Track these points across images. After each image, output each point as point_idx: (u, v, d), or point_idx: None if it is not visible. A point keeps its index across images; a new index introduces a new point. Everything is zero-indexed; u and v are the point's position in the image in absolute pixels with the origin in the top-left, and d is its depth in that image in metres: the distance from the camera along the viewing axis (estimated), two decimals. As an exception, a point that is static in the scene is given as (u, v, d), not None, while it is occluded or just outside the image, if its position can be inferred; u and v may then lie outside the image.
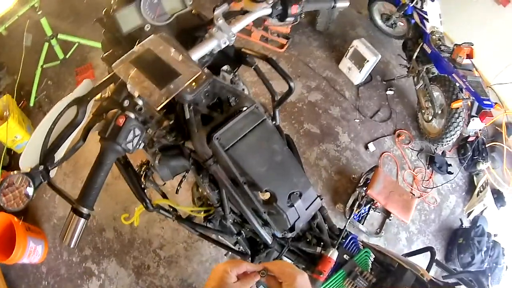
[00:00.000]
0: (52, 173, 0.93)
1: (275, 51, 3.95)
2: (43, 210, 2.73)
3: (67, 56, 3.43)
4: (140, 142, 0.93)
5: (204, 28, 1.19)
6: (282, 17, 1.23)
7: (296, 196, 1.16)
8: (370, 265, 1.32)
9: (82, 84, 1.03)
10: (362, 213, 2.88)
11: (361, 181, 2.94)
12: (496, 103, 2.89)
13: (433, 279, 1.31)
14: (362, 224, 2.85)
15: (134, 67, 0.90)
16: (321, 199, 1.36)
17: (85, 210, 0.83)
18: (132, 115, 0.90)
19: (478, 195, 3.34)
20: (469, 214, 3.28)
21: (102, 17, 1.25)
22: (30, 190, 0.84)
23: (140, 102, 0.92)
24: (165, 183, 1.59)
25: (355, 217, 2.83)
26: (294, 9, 1.20)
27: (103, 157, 0.87)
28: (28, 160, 0.91)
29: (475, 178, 3.51)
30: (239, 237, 1.51)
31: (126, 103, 0.91)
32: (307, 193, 1.20)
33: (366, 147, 3.42)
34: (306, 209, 1.20)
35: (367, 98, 3.82)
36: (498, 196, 3.37)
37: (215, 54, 1.16)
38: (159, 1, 1.22)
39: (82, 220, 0.83)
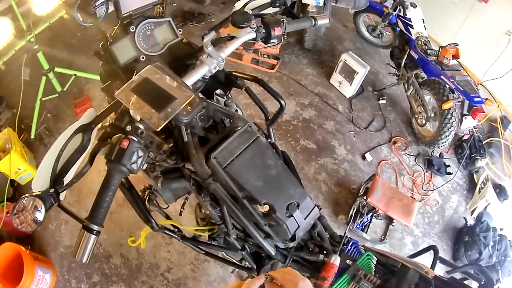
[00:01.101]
0: (62, 196, 0.99)
1: (267, 72, 4.05)
2: (49, 239, 2.75)
3: (64, 89, 3.49)
4: (143, 163, 0.99)
5: (195, 55, 1.27)
6: (266, 39, 1.31)
7: (294, 206, 1.21)
8: (373, 267, 1.35)
9: (87, 113, 1.13)
10: (365, 222, 2.89)
11: (361, 190, 2.97)
12: (486, 99, 2.97)
13: (438, 275, 1.33)
14: (366, 232, 2.86)
15: (135, 95, 0.97)
16: (320, 209, 1.41)
17: (95, 227, 0.89)
18: (135, 139, 0.96)
19: (479, 192, 3.36)
20: (472, 212, 3.28)
21: (99, 50, 1.34)
22: (41, 213, 0.91)
23: (141, 126, 0.99)
24: (168, 206, 1.66)
25: (358, 226, 2.85)
26: (276, 31, 1.28)
27: (110, 177, 0.93)
28: (39, 183, 0.98)
29: (475, 175, 3.54)
30: (243, 252, 1.55)
31: (128, 128, 0.98)
32: (304, 203, 1.25)
33: (364, 158, 3.46)
34: (305, 218, 1.25)
35: (360, 109, 3.89)
36: (500, 191, 3.40)
37: (207, 79, 1.23)
38: (152, 33, 1.32)
39: (93, 236, 0.88)
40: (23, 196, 0.91)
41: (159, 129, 0.94)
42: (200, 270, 2.60)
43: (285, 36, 1.32)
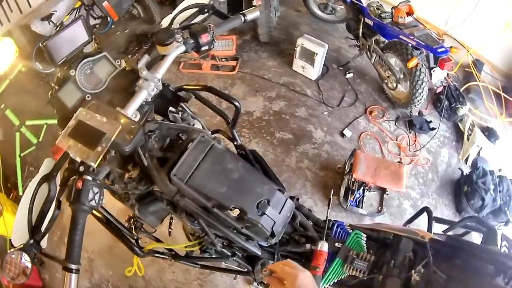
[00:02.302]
0: (44, 244, 1.06)
1: (228, 75, 4.05)
2: (59, 286, 2.77)
3: (40, 139, 3.50)
4: (102, 197, 1.05)
5: (135, 81, 1.28)
6: (197, 48, 1.32)
7: (264, 204, 1.22)
8: (365, 245, 1.35)
9: (44, 163, 1.22)
10: (358, 198, 2.90)
11: (346, 168, 2.97)
12: (451, 47, 2.98)
13: (434, 237, 1.33)
14: (361, 208, 2.87)
15: (71, 138, 1.03)
16: (297, 199, 1.41)
17: (73, 266, 0.94)
18: (88, 177, 1.02)
19: (468, 139, 3.37)
20: (466, 160, 3.30)
21: (50, 100, 1.35)
22: (28, 263, 0.98)
23: (92, 164, 1.02)
24: (155, 230, 1.66)
25: (352, 203, 2.85)
26: (204, 38, 1.30)
27: (75, 218, 1.00)
28: (19, 238, 1.06)
29: (460, 124, 3.56)
30: (235, 258, 1.56)
31: (81, 168, 1.03)
32: (274, 198, 1.25)
33: (343, 135, 3.46)
34: (280, 213, 1.25)
35: (329, 89, 3.89)
36: (489, 133, 3.43)
37: (150, 102, 1.25)
38: (92, 71, 1.34)
39: (74, 275, 0.94)
40: (8, 252, 0.98)
41: (95, 165, 1.00)
42: (207, 283, 2.61)
43: (215, 41, 1.32)
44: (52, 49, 1.26)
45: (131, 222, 1.66)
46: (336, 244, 1.37)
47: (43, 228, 1.09)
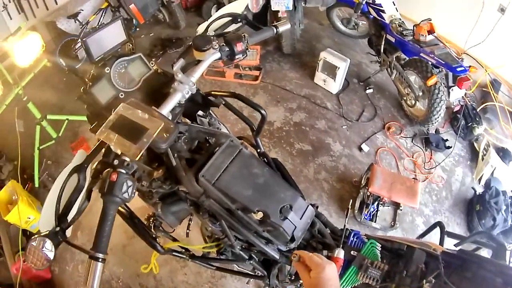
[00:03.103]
0: (68, 233, 1.07)
1: (251, 84, 4.12)
2: (69, 281, 2.80)
3: (60, 134, 3.56)
4: (134, 191, 1.07)
5: (170, 83, 1.34)
6: (231, 56, 1.37)
7: (287, 208, 1.25)
8: (379, 254, 1.38)
9: (77, 154, 1.23)
10: (372, 211, 2.92)
11: (362, 182, 2.99)
12: (470, 66, 3.00)
13: (446, 250, 1.35)
14: (375, 221, 2.88)
15: (113, 131, 1.06)
16: (316, 207, 1.45)
17: (100, 255, 0.95)
18: (122, 171, 1.04)
19: (483, 159, 3.37)
20: (479, 180, 3.29)
21: (81, 95, 1.42)
22: (51, 251, 0.98)
23: (127, 159, 1.07)
24: (174, 230, 1.71)
25: (366, 217, 2.87)
26: (239, 47, 1.35)
27: (106, 209, 1.02)
28: (46, 224, 1.07)
29: (475, 144, 3.56)
30: (251, 261, 1.59)
31: (115, 162, 1.06)
32: (297, 204, 1.29)
33: (360, 149, 3.49)
34: (301, 218, 1.29)
35: (349, 103, 3.95)
36: (504, 153, 3.42)
37: (183, 104, 1.30)
38: (126, 70, 1.39)
39: (99, 264, 0.95)
40: (32, 237, 0.99)
41: (137, 158, 1.03)
42: (218, 287, 2.63)
43: (249, 50, 1.38)
44: (91, 46, 1.30)
45: (150, 220, 1.73)
46: (352, 252, 1.40)
47: (69, 218, 1.10)
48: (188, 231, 1.84)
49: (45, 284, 2.76)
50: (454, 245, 1.67)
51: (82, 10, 4.34)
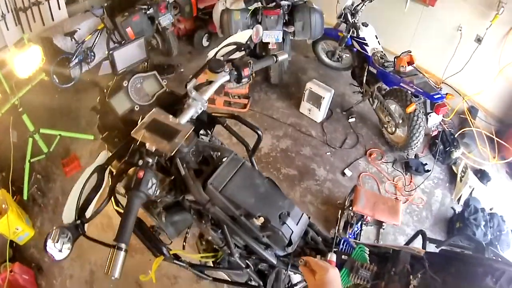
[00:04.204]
0: (85, 228, 1.16)
1: (239, 112, 4.28)
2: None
3: (51, 149, 3.58)
4: (157, 189, 1.18)
5: (180, 101, 1.49)
6: (238, 79, 1.55)
7: (285, 215, 1.39)
8: (368, 257, 1.52)
9: (100, 155, 1.41)
10: (356, 231, 3.02)
11: (346, 203, 3.12)
12: (447, 94, 3.23)
13: (428, 251, 1.48)
14: (359, 240, 3.00)
15: (148, 131, 1.24)
16: (309, 217, 1.59)
17: (123, 245, 1.02)
18: (148, 169, 1.16)
19: (461, 180, 3.57)
20: (458, 200, 3.46)
21: (96, 105, 1.55)
22: (69, 243, 1.06)
23: (150, 160, 1.20)
24: (171, 242, 1.80)
25: (350, 236, 2.99)
26: (246, 71, 1.52)
27: (131, 203, 1.11)
28: (68, 216, 1.18)
29: (453, 167, 3.78)
30: (248, 270, 1.69)
31: (140, 162, 1.19)
32: (293, 212, 1.43)
33: (343, 174, 3.68)
34: (297, 224, 1.42)
35: (332, 131, 4.18)
36: (482, 175, 3.62)
37: (194, 120, 1.45)
38: (141, 86, 1.55)
39: (122, 253, 1.01)
40: (55, 227, 1.06)
41: (172, 154, 1.19)
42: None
43: (253, 75, 1.56)
44: (116, 59, 1.45)
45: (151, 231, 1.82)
46: (343, 257, 1.54)
47: (88, 214, 1.20)
48: (184, 243, 1.92)
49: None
50: (435, 247, 1.82)
51: (79, 29, 4.46)
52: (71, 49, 4.46)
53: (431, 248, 1.73)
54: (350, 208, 2.92)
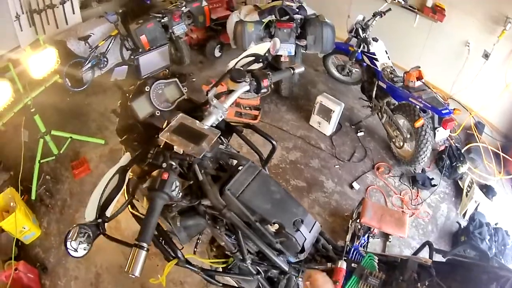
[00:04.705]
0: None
1: (250, 123, 4.29)
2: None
3: (61, 151, 3.63)
4: (179, 191, 1.22)
5: (200, 108, 1.54)
6: (257, 90, 1.59)
7: (299, 222, 1.42)
8: (377, 265, 1.54)
9: (123, 157, 1.42)
10: (363, 243, 3.02)
11: (354, 215, 3.12)
12: (455, 109, 3.27)
13: (435, 261, 1.51)
14: (364, 250, 3.01)
15: (175, 135, 1.28)
16: (320, 226, 1.62)
17: (144, 244, 1.06)
18: (172, 172, 1.21)
19: (467, 195, 3.58)
20: (464, 214, 3.47)
21: (116, 109, 1.60)
22: (89, 241, 1.10)
23: (174, 164, 1.24)
24: (183, 247, 1.82)
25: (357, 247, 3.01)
26: (265, 82, 1.57)
27: (154, 204, 1.15)
28: (90, 214, 1.21)
29: (459, 182, 3.79)
30: (259, 277, 1.72)
31: (164, 165, 1.23)
32: (307, 219, 1.46)
33: (351, 187, 3.70)
34: (310, 232, 1.45)
35: (341, 144, 4.21)
36: (487, 190, 3.63)
37: (213, 127, 1.48)
38: (163, 92, 1.60)
39: (143, 252, 1.05)
40: (75, 224, 1.10)
41: (200, 156, 1.23)
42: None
43: (272, 86, 1.60)
44: (141, 64, 1.52)
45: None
46: (352, 265, 1.56)
47: (108, 213, 1.23)
48: (195, 249, 1.96)
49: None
50: (442, 257, 1.84)
51: (93, 34, 4.54)
52: (84, 54, 4.54)
53: (438, 258, 1.75)
54: (358, 221, 2.94)
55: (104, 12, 4.67)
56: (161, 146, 1.30)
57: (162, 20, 4.47)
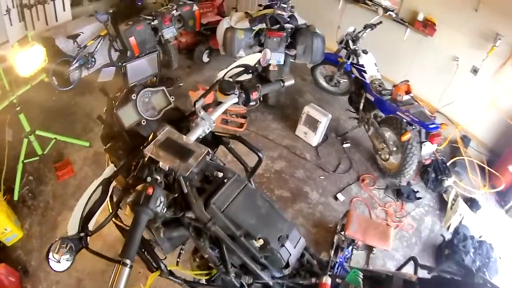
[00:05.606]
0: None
1: (236, 130, 4.32)
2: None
3: (45, 152, 3.56)
4: (164, 207, 1.19)
5: (186, 119, 1.51)
6: (246, 102, 1.58)
7: (284, 237, 1.41)
8: (361, 281, 1.53)
9: (107, 168, 1.37)
10: (347, 255, 3.02)
11: (338, 227, 3.13)
12: (442, 124, 3.31)
13: (420, 277, 1.51)
14: (349, 264, 3.00)
15: (161, 149, 1.23)
16: (305, 241, 1.61)
17: (128, 261, 1.03)
18: (157, 186, 1.17)
19: (451, 208, 3.62)
20: (448, 227, 3.50)
21: (101, 115, 1.56)
22: (72, 255, 1.06)
23: (159, 178, 1.20)
24: (166, 257, 1.79)
25: (341, 259, 2.98)
26: (254, 95, 1.56)
27: (138, 220, 1.11)
28: (73, 228, 1.16)
29: (444, 195, 3.83)
30: (242, 290, 1.69)
31: (149, 179, 1.19)
32: (292, 234, 1.45)
33: (336, 198, 3.70)
34: (295, 247, 1.44)
35: (326, 155, 4.22)
36: (472, 203, 3.69)
37: (200, 139, 1.46)
38: (149, 100, 1.56)
39: (127, 269, 1.02)
40: (59, 238, 1.06)
41: (187, 174, 1.19)
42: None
43: (261, 99, 1.59)
44: (129, 71, 1.46)
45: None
46: (337, 280, 1.55)
47: (91, 226, 1.19)
48: (178, 259, 1.91)
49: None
50: (427, 273, 1.85)
51: (82, 33, 4.49)
52: (72, 52, 4.48)
53: (422, 273, 1.76)
54: (342, 233, 2.94)
55: (95, 11, 4.61)
56: (146, 159, 1.27)
57: (152, 23, 4.45)
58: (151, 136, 1.30)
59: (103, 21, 4.52)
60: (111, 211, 1.32)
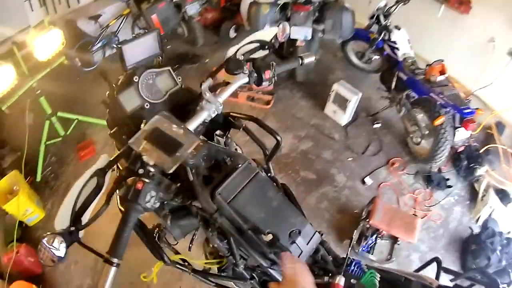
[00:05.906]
0: (80, 234, 1.08)
1: (262, 108, 4.20)
2: (59, 279, 2.82)
3: (67, 133, 3.60)
4: (156, 202, 1.09)
5: (194, 101, 1.39)
6: (258, 82, 1.42)
7: (296, 233, 1.29)
8: (378, 284, 1.40)
9: (101, 158, 1.29)
10: (370, 244, 2.92)
11: (363, 214, 3.02)
12: (477, 109, 3.09)
13: (441, 285, 1.37)
14: (372, 254, 2.89)
15: (147, 142, 1.10)
16: (321, 234, 1.49)
17: (115, 260, 0.96)
18: (148, 180, 1.07)
19: (482, 199, 3.40)
20: (477, 220, 3.32)
21: (106, 99, 1.46)
22: (63, 249, 0.98)
23: (152, 170, 1.09)
24: (177, 243, 1.73)
25: (364, 248, 2.88)
26: (267, 74, 1.40)
27: (127, 216, 1.03)
28: (61, 222, 1.10)
29: (475, 184, 3.59)
30: (252, 281, 1.61)
31: (141, 171, 1.08)
32: (305, 230, 1.33)
33: (363, 182, 3.54)
34: (307, 244, 1.33)
35: (356, 136, 4.02)
36: (503, 195, 3.43)
37: (207, 123, 1.35)
38: (153, 82, 1.45)
39: (114, 268, 0.95)
40: (47, 233, 0.99)
41: (171, 171, 1.06)
42: (212, 303, 2.62)
43: (275, 78, 1.44)
44: (125, 53, 1.33)
45: (156, 231, 1.73)
46: (352, 281, 1.42)
47: (84, 220, 1.11)
48: (191, 245, 1.86)
49: (34, 278, 2.73)
50: (450, 280, 1.70)
51: (104, 13, 4.44)
52: (94, 33, 4.44)
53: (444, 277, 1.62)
54: (367, 220, 2.81)
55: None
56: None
57: (175, 0, 4.31)
58: (142, 124, 1.19)
59: (125, 0, 4.44)
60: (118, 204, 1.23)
